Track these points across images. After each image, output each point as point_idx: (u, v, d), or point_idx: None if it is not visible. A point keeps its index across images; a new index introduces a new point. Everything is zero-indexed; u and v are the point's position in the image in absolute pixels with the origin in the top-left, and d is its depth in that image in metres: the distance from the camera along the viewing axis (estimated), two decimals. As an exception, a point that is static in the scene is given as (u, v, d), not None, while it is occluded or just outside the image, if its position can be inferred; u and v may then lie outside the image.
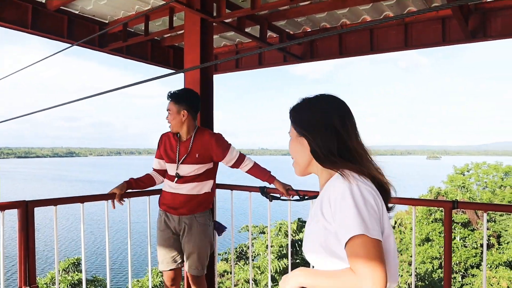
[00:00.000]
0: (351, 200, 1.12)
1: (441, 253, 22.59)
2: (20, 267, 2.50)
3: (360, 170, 1.22)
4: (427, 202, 5.36)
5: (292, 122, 1.37)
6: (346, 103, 1.34)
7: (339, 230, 1.14)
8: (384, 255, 1.11)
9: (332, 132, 1.24)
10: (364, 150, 1.28)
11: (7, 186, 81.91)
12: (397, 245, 20.44)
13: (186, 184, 2.96)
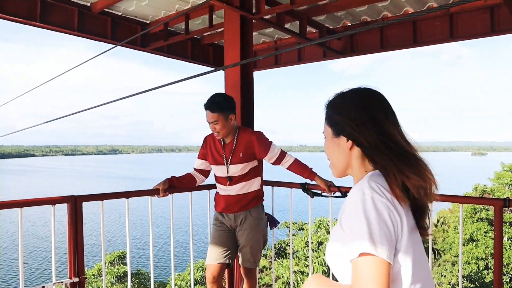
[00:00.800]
0: (362, 214, 1.02)
1: (487, 254, 21.66)
2: (69, 258, 2.60)
3: (399, 170, 1.10)
4: (475, 199, 5.12)
5: (327, 121, 1.26)
6: (384, 96, 1.24)
7: (348, 243, 1.06)
8: (397, 278, 1.05)
9: (375, 127, 1.14)
10: (411, 146, 1.17)
11: (55, 182, 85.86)
12: (440, 244, 19.72)
13: (236, 185, 3.04)
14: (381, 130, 1.14)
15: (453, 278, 20.42)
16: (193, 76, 2.11)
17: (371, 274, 0.97)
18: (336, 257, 1.15)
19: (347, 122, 1.17)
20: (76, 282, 2.59)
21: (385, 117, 1.16)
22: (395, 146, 1.13)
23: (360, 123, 1.15)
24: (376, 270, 0.98)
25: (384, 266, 0.98)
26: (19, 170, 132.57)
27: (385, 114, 1.17)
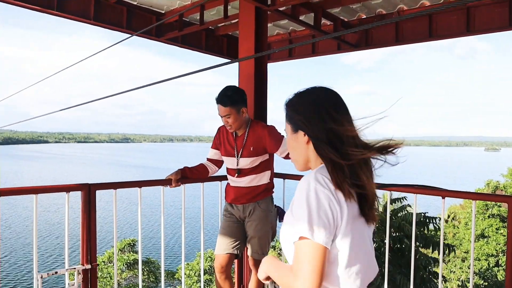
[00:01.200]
0: (305, 202, 1.14)
1: (498, 251, 21.47)
2: (82, 245, 2.65)
3: (339, 166, 1.19)
4: (488, 196, 5.08)
5: (286, 118, 1.36)
6: (339, 94, 1.32)
7: (293, 227, 1.16)
8: (334, 260, 1.17)
9: (324, 123, 1.23)
10: (361, 143, 1.24)
11: (67, 169, 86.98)
12: (450, 240, 19.59)
13: (246, 177, 3.05)
14: (328, 127, 1.22)
15: (462, 274, 20.32)
16: (208, 68, 2.12)
17: (307, 255, 1.10)
18: (285, 239, 1.25)
19: (301, 119, 1.27)
20: (89, 269, 2.63)
21: (335, 115, 1.24)
22: (340, 142, 1.21)
23: (311, 119, 1.25)
24: (312, 253, 1.10)
25: (320, 249, 1.10)
26: (32, 156, 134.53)
27: (335, 111, 1.25)
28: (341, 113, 1.26)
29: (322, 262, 1.11)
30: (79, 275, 2.60)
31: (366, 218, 1.25)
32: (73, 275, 2.58)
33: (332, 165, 1.20)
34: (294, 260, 1.15)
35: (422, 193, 2.77)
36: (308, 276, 1.09)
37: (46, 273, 2.49)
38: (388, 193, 3.04)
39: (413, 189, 2.79)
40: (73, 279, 2.58)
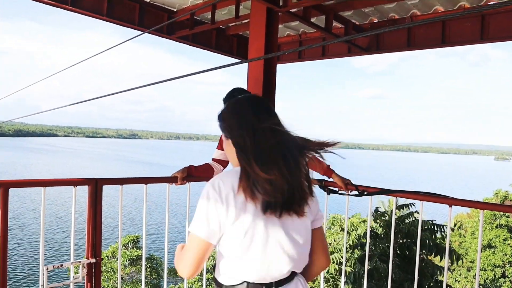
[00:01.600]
0: (200, 200, 1.36)
1: (505, 261, 21.25)
2: (88, 240, 2.66)
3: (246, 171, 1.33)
4: (496, 206, 5.01)
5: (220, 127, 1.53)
6: (261, 101, 1.47)
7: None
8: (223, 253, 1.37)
9: (240, 131, 1.37)
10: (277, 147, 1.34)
11: (75, 163, 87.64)
12: (456, 249, 19.49)
13: None
14: (244, 133, 1.36)
15: (467, 284, 20.14)
16: (217, 67, 2.12)
17: (190, 246, 1.36)
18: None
19: (226, 126, 1.46)
20: (93, 263, 2.65)
21: (253, 122, 1.37)
22: (253, 147, 1.33)
23: (231, 127, 1.42)
24: (194, 245, 1.34)
25: (201, 243, 1.33)
26: (42, 149, 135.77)
27: (255, 119, 1.38)
28: (261, 121, 1.37)
29: (201, 253, 1.34)
30: (84, 269, 2.61)
31: (290, 212, 1.37)
32: (77, 269, 2.60)
33: (243, 169, 1.34)
34: (184, 247, 1.42)
35: (429, 201, 2.74)
36: (188, 262, 1.35)
37: (52, 266, 2.51)
38: (394, 199, 3.03)
39: (419, 196, 2.77)
40: (78, 272, 2.59)
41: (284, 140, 1.37)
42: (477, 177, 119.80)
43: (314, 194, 1.50)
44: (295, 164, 1.36)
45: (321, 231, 1.56)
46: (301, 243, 1.42)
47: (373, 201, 12.24)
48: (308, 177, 1.44)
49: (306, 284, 1.54)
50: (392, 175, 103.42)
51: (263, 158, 1.32)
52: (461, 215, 31.89)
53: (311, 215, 1.48)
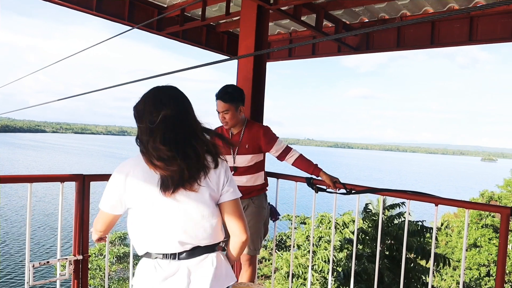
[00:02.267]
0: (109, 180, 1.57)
1: (490, 261, 21.54)
2: (75, 236, 2.64)
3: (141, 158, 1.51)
4: (482, 206, 5.08)
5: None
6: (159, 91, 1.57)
7: None
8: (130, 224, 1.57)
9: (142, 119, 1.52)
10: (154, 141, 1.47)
11: (63, 159, 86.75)
12: (442, 248, 19.60)
13: (242, 177, 3.06)
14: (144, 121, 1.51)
15: (453, 283, 20.39)
16: (207, 63, 2.11)
17: (98, 217, 1.65)
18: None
19: (136, 115, 1.57)
20: (80, 260, 2.63)
21: (151, 111, 1.50)
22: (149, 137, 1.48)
23: (138, 115, 1.55)
24: (99, 216, 1.64)
25: (103, 215, 1.62)
26: (29, 144, 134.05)
27: (154, 108, 1.51)
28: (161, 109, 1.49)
29: (104, 223, 1.64)
30: (71, 266, 2.59)
31: (185, 189, 1.49)
32: (64, 266, 2.58)
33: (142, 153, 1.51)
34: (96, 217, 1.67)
35: (415, 199, 2.77)
36: (95, 228, 1.71)
37: (38, 263, 2.49)
38: (382, 198, 3.05)
39: (406, 195, 2.79)
40: (65, 270, 2.57)
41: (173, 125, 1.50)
42: (464, 177, 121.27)
43: (220, 167, 1.61)
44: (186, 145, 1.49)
45: (232, 204, 1.63)
46: (196, 216, 1.53)
47: (362, 200, 12.25)
48: (211, 151, 1.57)
49: (222, 265, 1.60)
50: (380, 175, 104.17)
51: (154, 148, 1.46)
52: (448, 215, 32.28)
53: (211, 189, 1.57)
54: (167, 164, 1.45)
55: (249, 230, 2.96)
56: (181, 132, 1.51)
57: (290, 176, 3.39)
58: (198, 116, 1.61)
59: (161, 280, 1.50)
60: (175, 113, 1.52)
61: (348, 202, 16.02)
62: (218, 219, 1.59)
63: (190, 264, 1.53)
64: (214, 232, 1.57)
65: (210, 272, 1.53)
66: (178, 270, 1.51)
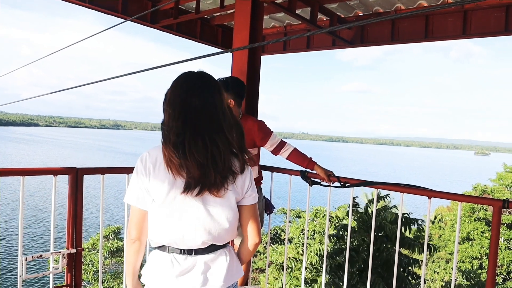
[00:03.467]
0: (133, 172, 1.52)
1: (482, 254, 21.75)
2: (68, 229, 2.64)
3: (165, 147, 1.44)
4: (474, 199, 5.10)
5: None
6: (190, 81, 1.49)
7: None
8: (150, 219, 1.50)
9: (168, 108, 1.47)
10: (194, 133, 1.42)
11: (57, 153, 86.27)
12: (435, 241, 19.80)
13: None
14: (170, 114, 1.45)
15: (446, 275, 20.58)
16: (201, 56, 2.10)
17: (130, 214, 1.55)
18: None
19: (164, 102, 1.51)
20: (73, 253, 2.62)
21: (181, 104, 1.45)
22: (173, 128, 1.43)
23: (164, 101, 1.50)
24: (130, 216, 1.55)
25: (134, 210, 1.53)
26: (22, 138, 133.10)
27: (180, 96, 1.46)
28: (188, 99, 1.45)
29: (136, 219, 1.53)
30: (64, 259, 2.59)
31: (210, 191, 1.46)
32: (57, 260, 2.57)
33: (163, 147, 1.46)
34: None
35: (409, 192, 2.79)
36: (129, 228, 1.56)
37: (31, 256, 2.48)
38: (376, 191, 3.06)
39: (400, 188, 2.81)
40: (58, 263, 2.56)
41: (203, 121, 1.45)
42: (457, 171, 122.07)
43: (246, 172, 1.58)
44: (213, 146, 1.43)
45: (251, 208, 1.62)
46: (219, 219, 1.51)
47: (358, 194, 12.30)
48: (237, 155, 1.53)
49: (234, 260, 1.61)
50: (375, 169, 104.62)
51: (178, 140, 1.41)
52: (441, 208, 32.51)
53: (236, 193, 1.55)
54: (184, 169, 1.42)
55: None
56: (205, 126, 1.45)
57: (285, 170, 3.39)
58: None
59: (177, 275, 1.49)
60: (202, 103, 1.46)
61: (345, 196, 16.03)
62: (237, 220, 1.60)
63: (206, 259, 1.53)
64: (232, 232, 1.58)
65: (224, 267, 1.55)
66: (194, 266, 1.51)
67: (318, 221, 17.79)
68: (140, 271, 1.63)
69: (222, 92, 1.54)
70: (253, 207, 1.63)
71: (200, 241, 1.49)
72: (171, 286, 1.49)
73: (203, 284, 1.50)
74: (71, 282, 2.62)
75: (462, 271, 20.79)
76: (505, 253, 21.26)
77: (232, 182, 1.51)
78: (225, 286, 1.54)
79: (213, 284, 1.52)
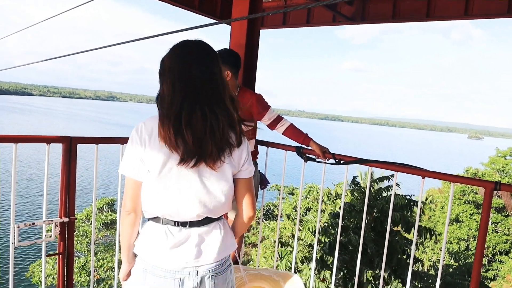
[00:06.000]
0: (128, 143, 1.49)
1: (469, 235, 22.18)
2: (61, 198, 2.62)
3: (163, 118, 1.41)
4: (467, 180, 5.19)
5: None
6: (189, 49, 1.46)
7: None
8: (144, 190, 1.48)
9: (162, 78, 1.46)
10: (192, 105, 1.39)
11: (51, 123, 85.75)
12: (425, 222, 20.09)
13: None
14: (168, 83, 1.43)
15: (434, 256, 20.99)
16: (199, 26, 2.05)
17: (125, 185, 1.51)
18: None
19: (160, 71, 1.48)
20: (66, 222, 2.62)
21: (179, 72, 1.42)
22: (170, 100, 1.41)
23: (162, 70, 1.47)
24: (125, 188, 1.51)
25: (129, 181, 1.50)
26: (15, 107, 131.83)
27: (180, 64, 1.43)
28: (174, 72, 1.43)
29: (131, 190, 1.50)
30: (57, 228, 2.59)
31: (206, 163, 1.44)
32: (50, 229, 2.57)
33: (160, 118, 1.43)
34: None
35: (403, 171, 2.80)
36: (124, 199, 1.53)
37: (23, 224, 2.47)
38: (370, 169, 3.07)
39: (394, 166, 2.82)
40: (50, 232, 2.56)
41: (203, 91, 1.42)
42: (450, 154, 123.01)
43: (243, 145, 1.55)
44: (213, 117, 1.41)
45: (247, 182, 1.62)
46: (215, 192, 1.50)
47: (351, 172, 12.30)
48: (234, 128, 1.50)
49: (228, 233, 1.62)
50: (370, 149, 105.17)
51: (177, 111, 1.38)
52: (432, 190, 32.85)
53: (233, 166, 1.53)
54: (181, 141, 1.39)
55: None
56: (205, 97, 1.42)
57: (280, 145, 3.38)
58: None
59: (171, 247, 1.49)
60: (201, 72, 1.42)
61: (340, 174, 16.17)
62: (233, 194, 1.59)
63: (200, 232, 1.53)
64: (228, 205, 1.57)
65: (218, 240, 1.55)
66: (188, 238, 1.51)
67: (311, 198, 17.94)
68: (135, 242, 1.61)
69: (220, 62, 1.51)
70: (249, 180, 1.62)
71: (195, 213, 1.48)
72: (165, 258, 1.48)
73: (197, 256, 1.50)
74: (63, 251, 2.63)
75: (450, 252, 21.23)
76: (492, 236, 21.69)
77: (229, 155, 1.49)
78: (219, 258, 1.55)
79: (206, 257, 1.52)
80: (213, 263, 1.53)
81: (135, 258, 1.62)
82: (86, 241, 15.88)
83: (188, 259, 1.48)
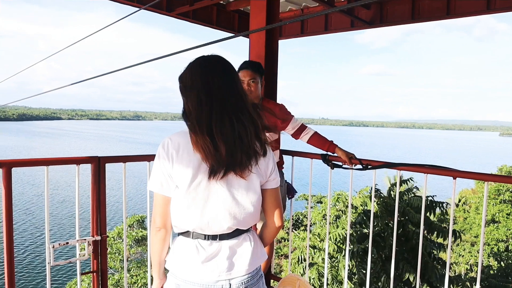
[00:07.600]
0: (155, 159, 1.50)
1: (508, 236, 21.35)
2: (92, 217, 2.68)
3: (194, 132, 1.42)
4: (501, 178, 4.98)
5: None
6: (208, 62, 1.47)
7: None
8: (174, 204, 1.48)
9: (190, 93, 1.45)
10: (220, 115, 1.40)
11: (80, 145, 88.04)
12: (460, 224, 19.45)
13: None
14: (193, 97, 1.43)
15: (471, 258, 20.31)
16: (218, 40, 2.08)
17: (154, 202, 1.53)
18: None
19: (181, 87, 1.49)
20: (98, 240, 2.67)
21: (203, 85, 1.43)
22: (198, 113, 1.42)
23: (184, 86, 1.48)
24: (154, 200, 1.52)
25: (158, 197, 1.51)
26: (45, 132, 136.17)
27: (201, 78, 1.44)
28: (211, 84, 1.43)
29: (160, 206, 1.51)
30: (90, 246, 2.64)
31: (235, 173, 1.44)
32: (83, 247, 2.62)
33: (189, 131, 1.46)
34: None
35: (433, 173, 2.72)
36: (153, 215, 1.54)
37: (58, 243, 2.53)
38: (398, 173, 3.00)
39: (423, 168, 2.75)
40: (84, 250, 2.62)
41: (228, 101, 1.43)
42: (482, 153, 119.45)
43: (268, 154, 1.55)
44: (240, 125, 1.42)
45: (274, 192, 1.62)
46: (244, 203, 1.50)
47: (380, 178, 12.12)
48: (259, 137, 1.50)
49: (258, 244, 1.62)
50: (396, 152, 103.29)
51: (205, 123, 1.40)
52: (465, 191, 31.93)
53: (260, 176, 1.53)
54: (214, 149, 1.39)
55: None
56: (230, 106, 1.43)
57: (305, 153, 3.35)
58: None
59: (202, 261, 1.49)
60: (223, 83, 1.44)
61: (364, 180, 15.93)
62: (261, 204, 1.59)
63: (231, 244, 1.53)
64: (256, 216, 1.57)
65: (249, 251, 1.55)
66: (219, 251, 1.51)
67: (339, 206, 17.71)
68: (166, 258, 1.62)
69: (237, 73, 1.54)
70: (276, 190, 1.62)
71: (225, 226, 1.49)
72: (197, 272, 1.48)
73: (229, 269, 1.50)
74: (97, 268, 2.67)
75: (490, 253, 20.47)
76: (533, 235, 20.83)
77: (256, 164, 1.49)
78: (250, 270, 1.54)
79: (238, 269, 1.51)
80: (245, 275, 1.53)
81: (166, 274, 1.63)
82: (119, 258, 16.12)
83: (221, 272, 1.48)
